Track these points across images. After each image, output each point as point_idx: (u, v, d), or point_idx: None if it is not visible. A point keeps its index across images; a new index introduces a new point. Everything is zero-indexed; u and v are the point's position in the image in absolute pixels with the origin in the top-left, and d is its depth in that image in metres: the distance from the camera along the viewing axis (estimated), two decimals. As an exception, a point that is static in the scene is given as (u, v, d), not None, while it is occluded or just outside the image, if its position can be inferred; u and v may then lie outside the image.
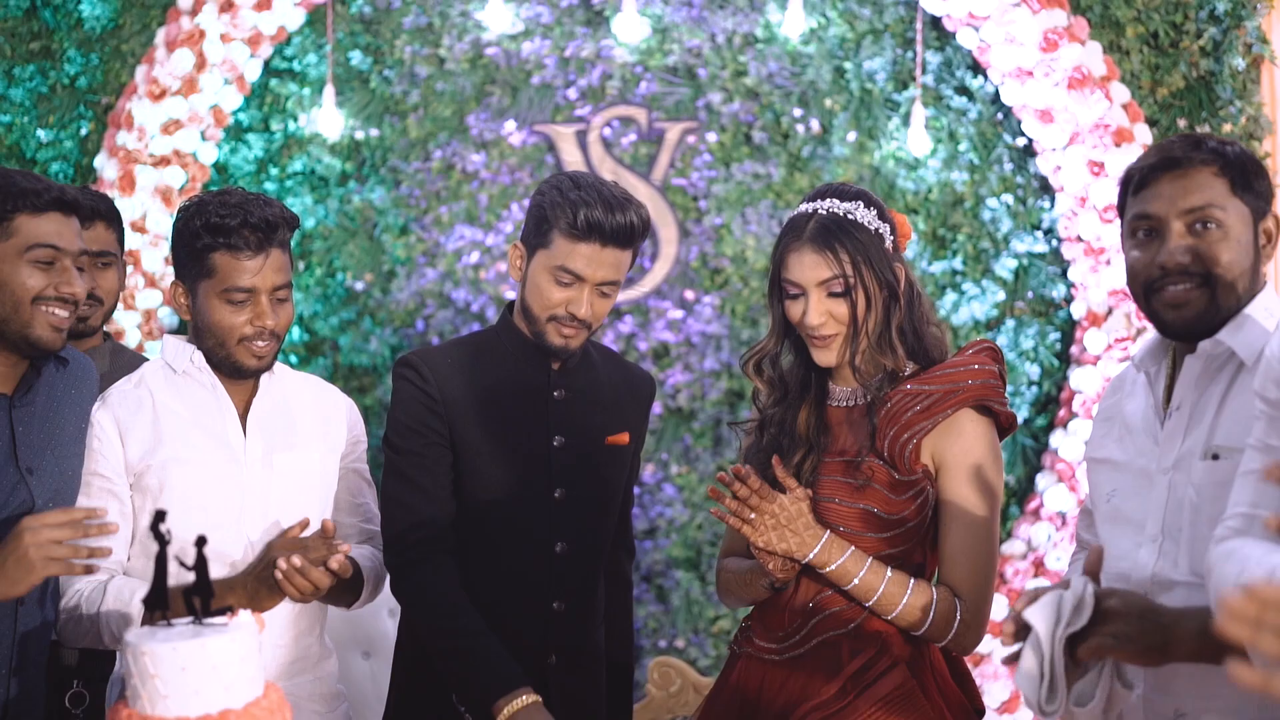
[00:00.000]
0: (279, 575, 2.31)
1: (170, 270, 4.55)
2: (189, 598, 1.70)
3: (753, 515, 2.22)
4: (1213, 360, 1.98)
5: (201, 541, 1.72)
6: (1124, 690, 1.91)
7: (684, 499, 4.58)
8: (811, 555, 2.23)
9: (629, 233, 2.45)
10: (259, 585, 2.33)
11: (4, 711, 2.21)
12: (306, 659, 2.54)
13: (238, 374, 2.48)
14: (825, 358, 2.35)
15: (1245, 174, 2.00)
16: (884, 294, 2.32)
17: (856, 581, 2.24)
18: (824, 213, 2.33)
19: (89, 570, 2.16)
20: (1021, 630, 1.88)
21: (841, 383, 2.40)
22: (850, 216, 2.33)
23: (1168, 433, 2.03)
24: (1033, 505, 4.47)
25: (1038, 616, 1.84)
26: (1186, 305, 2.00)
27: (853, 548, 2.25)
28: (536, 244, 2.48)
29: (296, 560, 2.30)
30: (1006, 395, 2.35)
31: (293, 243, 2.52)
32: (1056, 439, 4.48)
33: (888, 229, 2.36)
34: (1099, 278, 4.44)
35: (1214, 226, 1.97)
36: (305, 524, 2.38)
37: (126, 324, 4.51)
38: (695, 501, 4.58)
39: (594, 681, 2.64)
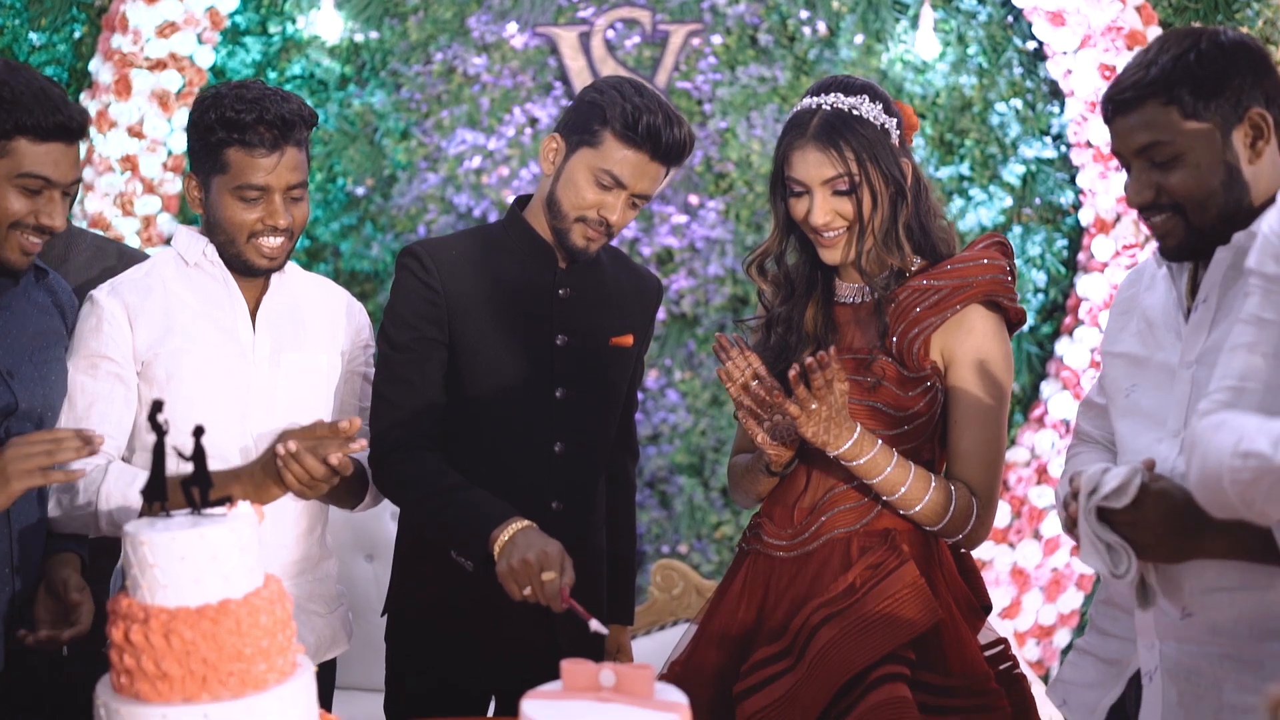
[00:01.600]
0: (279, 463, 2.30)
1: (168, 176, 4.53)
2: (187, 488, 1.69)
3: (814, 405, 2.18)
4: (1243, 253, 1.94)
5: (199, 432, 1.70)
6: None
7: (687, 405, 4.57)
8: (845, 448, 2.21)
9: (680, 150, 2.44)
10: (264, 474, 2.32)
11: (11, 605, 2.21)
12: (308, 559, 2.54)
13: (248, 272, 2.46)
14: (831, 256, 2.32)
15: (1200, 89, 1.91)
16: (890, 190, 2.29)
17: (884, 476, 2.23)
18: (828, 108, 2.29)
19: (69, 476, 2.13)
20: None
21: (848, 280, 2.37)
22: (855, 112, 2.28)
23: (1192, 326, 1.99)
24: (1037, 412, 4.46)
25: (1082, 482, 1.89)
26: (1168, 234, 1.98)
27: (881, 442, 2.24)
28: (582, 141, 2.44)
29: (293, 445, 2.28)
30: (1016, 290, 2.32)
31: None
32: (1062, 346, 4.46)
33: (894, 123, 2.32)
34: (1108, 184, 4.39)
35: (1169, 159, 1.93)
36: (323, 424, 2.34)
37: (125, 230, 4.47)
38: (699, 407, 4.57)
39: (594, 583, 2.63)
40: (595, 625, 2.04)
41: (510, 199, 3.50)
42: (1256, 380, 1.75)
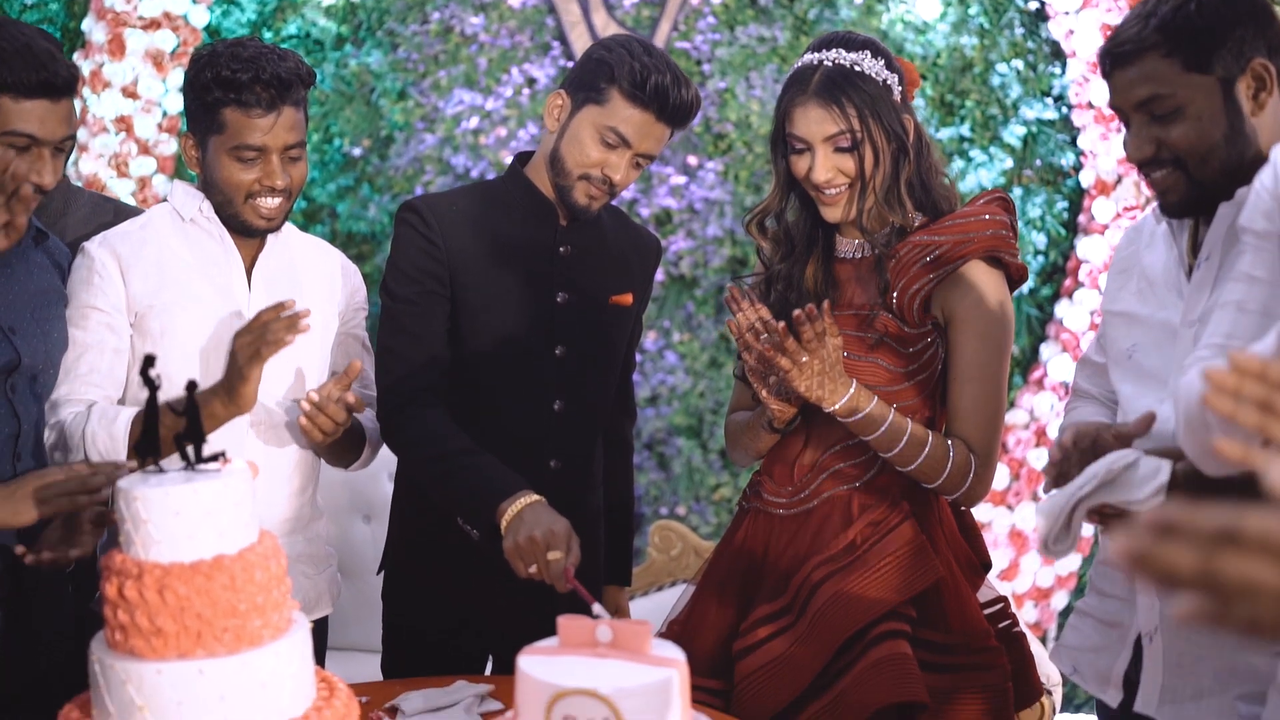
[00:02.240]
0: (303, 422, 2.30)
1: (163, 137, 4.49)
2: (180, 443, 1.67)
3: (805, 358, 2.16)
4: (1243, 206, 1.91)
5: (192, 387, 1.69)
6: None
7: (686, 366, 4.56)
8: (840, 403, 2.20)
9: (687, 111, 2.42)
10: (232, 381, 2.26)
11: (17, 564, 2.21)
12: (299, 519, 2.53)
13: (246, 232, 2.45)
14: (832, 215, 2.30)
15: (1201, 40, 1.87)
16: (892, 147, 2.27)
17: (880, 432, 2.22)
18: (830, 64, 2.27)
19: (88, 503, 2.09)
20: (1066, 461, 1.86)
21: (849, 236, 2.36)
22: (857, 68, 2.26)
23: (1195, 284, 1.96)
24: (1036, 375, 4.45)
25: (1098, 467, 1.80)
26: (1170, 190, 1.93)
27: (877, 399, 2.22)
28: (589, 98, 2.41)
29: (315, 396, 2.29)
30: (1018, 247, 2.30)
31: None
32: (1062, 309, 4.44)
33: (896, 79, 2.30)
34: (1109, 145, 4.36)
35: (1170, 112, 1.88)
36: (283, 306, 2.28)
37: (120, 191, 4.43)
38: (697, 369, 4.55)
39: (591, 543, 2.61)
40: (598, 609, 2.03)
41: (508, 160, 3.47)
42: (1242, 338, 1.71)
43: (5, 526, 2.04)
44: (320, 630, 2.59)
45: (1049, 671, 2.85)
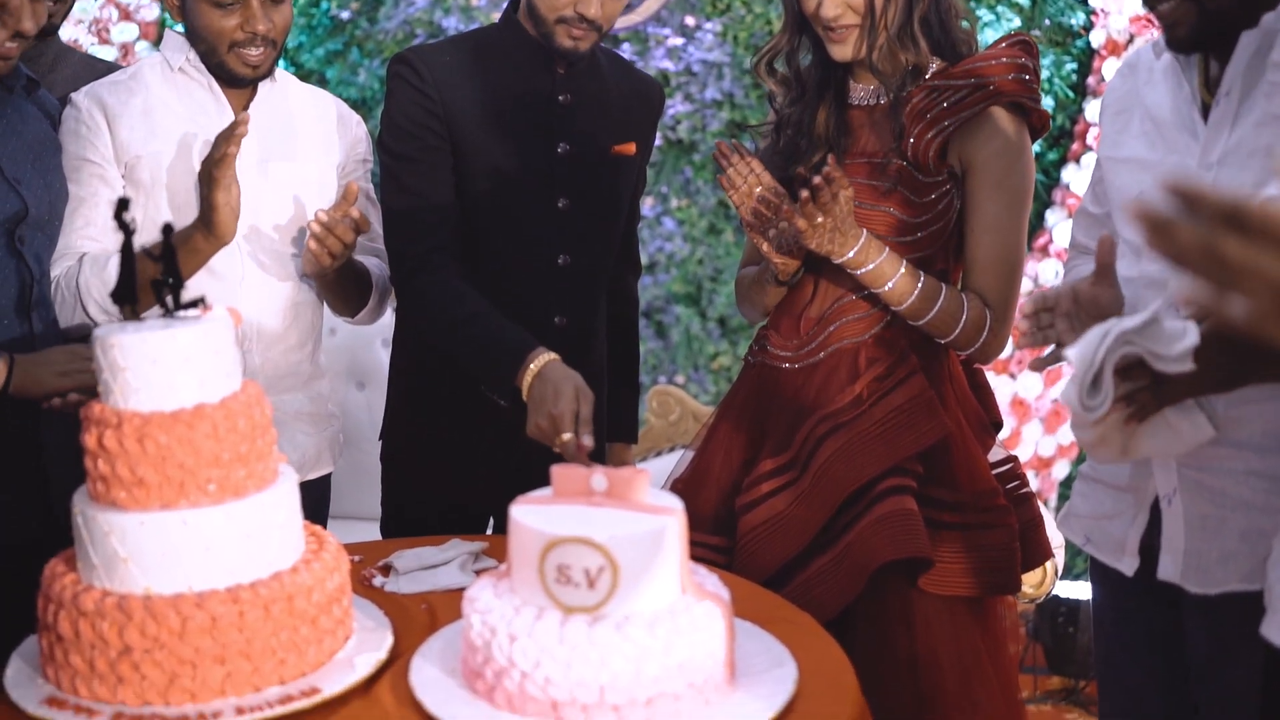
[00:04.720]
0: (313, 245, 2.26)
1: (145, 2, 4.37)
2: (159, 289, 1.61)
3: (820, 218, 2.09)
4: (1269, 36, 1.79)
5: (168, 230, 1.62)
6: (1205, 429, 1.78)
7: (684, 233, 4.47)
8: (850, 255, 2.13)
9: None
10: (204, 209, 2.24)
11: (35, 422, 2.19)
12: (296, 376, 2.49)
13: (233, 82, 2.38)
14: (841, 52, 2.21)
15: None
16: None
17: (891, 284, 2.15)
18: None
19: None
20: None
21: (862, 81, 2.27)
22: None
23: (1214, 123, 1.83)
24: (1041, 241, 4.37)
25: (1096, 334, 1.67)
26: (1179, 22, 1.80)
27: (888, 250, 2.15)
28: None
29: (324, 216, 2.25)
30: (1040, 93, 2.20)
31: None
32: (1069, 174, 4.34)
33: None
34: (1121, 3, 4.23)
35: None
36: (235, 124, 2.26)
37: (105, 58, 4.32)
38: (695, 236, 4.47)
39: (596, 400, 2.58)
40: None
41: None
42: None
43: (25, 395, 2.05)
44: (323, 488, 2.56)
45: (1051, 535, 2.82)
